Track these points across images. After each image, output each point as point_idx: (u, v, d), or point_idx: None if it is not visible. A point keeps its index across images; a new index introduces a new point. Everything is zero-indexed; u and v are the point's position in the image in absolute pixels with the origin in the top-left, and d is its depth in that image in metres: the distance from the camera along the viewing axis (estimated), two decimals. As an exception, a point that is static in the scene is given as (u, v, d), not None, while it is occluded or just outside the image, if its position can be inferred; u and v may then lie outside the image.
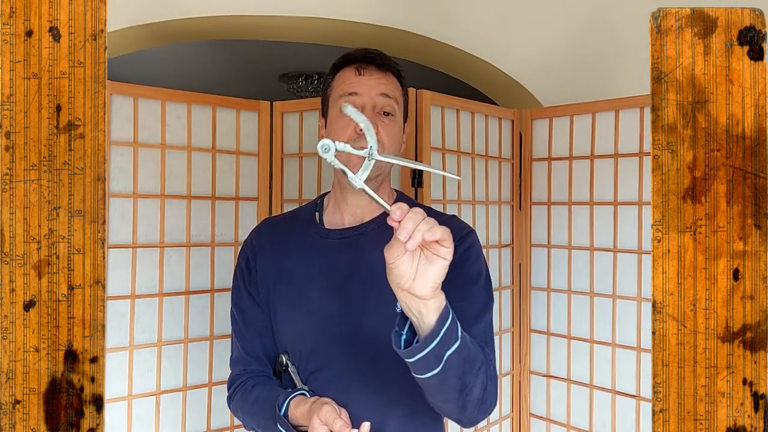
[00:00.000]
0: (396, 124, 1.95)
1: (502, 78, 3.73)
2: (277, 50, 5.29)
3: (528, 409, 3.49)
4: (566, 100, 3.41)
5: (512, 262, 3.48)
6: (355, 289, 1.91)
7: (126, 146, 2.79)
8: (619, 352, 3.13)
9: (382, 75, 1.96)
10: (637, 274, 3.08)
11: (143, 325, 2.86)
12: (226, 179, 3.10)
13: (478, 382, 1.65)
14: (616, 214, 3.14)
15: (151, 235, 2.88)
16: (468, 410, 1.68)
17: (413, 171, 2.91)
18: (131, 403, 2.80)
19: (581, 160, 3.27)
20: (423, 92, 2.96)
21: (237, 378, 2.04)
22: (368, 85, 1.93)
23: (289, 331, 1.97)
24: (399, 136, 1.98)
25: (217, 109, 3.06)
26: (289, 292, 1.98)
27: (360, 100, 1.92)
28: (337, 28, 3.56)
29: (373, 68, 1.95)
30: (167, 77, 6.03)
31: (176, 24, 3.32)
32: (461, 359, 1.55)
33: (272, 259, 2.03)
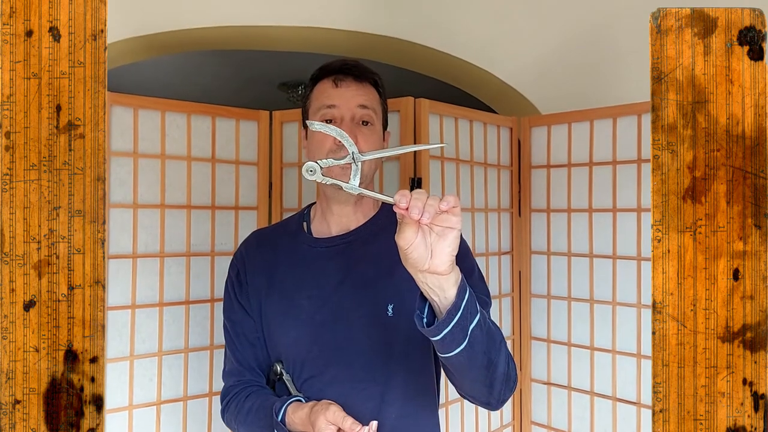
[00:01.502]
0: (375, 133, 1.96)
1: (500, 86, 3.73)
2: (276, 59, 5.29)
3: (529, 416, 3.49)
4: (564, 108, 3.42)
5: (512, 269, 3.48)
6: (346, 295, 1.92)
7: (126, 157, 2.79)
8: (620, 358, 3.13)
9: (360, 86, 1.96)
10: (636, 280, 3.07)
11: (144, 335, 2.86)
12: (226, 189, 3.10)
13: (502, 357, 1.66)
14: (615, 221, 3.14)
15: (151, 245, 2.88)
16: (496, 388, 1.69)
17: (411, 179, 2.91)
18: (132, 413, 2.80)
19: (580, 167, 3.27)
20: (421, 101, 2.96)
21: (230, 389, 2.04)
22: (346, 97, 1.94)
23: (282, 340, 1.98)
24: (379, 144, 1.98)
25: (217, 119, 3.07)
26: (280, 301, 1.99)
27: (338, 113, 1.93)
28: (335, 38, 3.57)
29: (350, 79, 1.96)
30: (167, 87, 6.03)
31: (175, 35, 3.33)
32: (483, 333, 1.56)
33: (262, 269, 2.05)
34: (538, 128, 3.45)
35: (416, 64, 3.83)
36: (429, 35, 3.61)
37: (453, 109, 3.15)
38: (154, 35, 3.28)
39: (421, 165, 2.92)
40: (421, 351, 1.91)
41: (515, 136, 3.49)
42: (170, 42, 3.38)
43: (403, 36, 3.58)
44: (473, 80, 3.83)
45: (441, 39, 3.63)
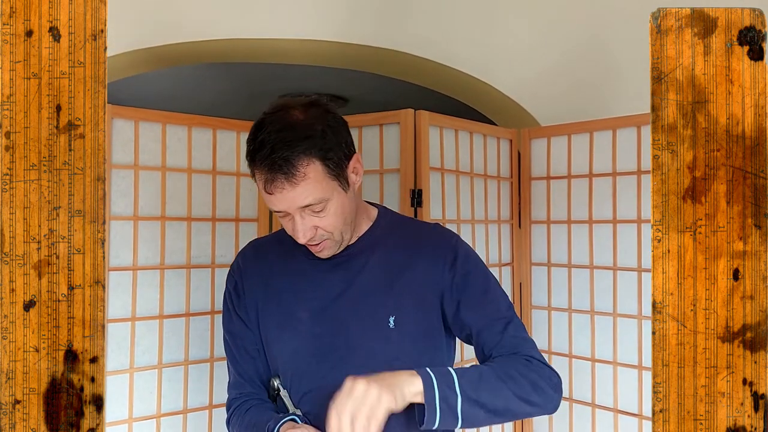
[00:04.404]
0: (334, 204, 1.80)
1: (500, 98, 3.74)
2: (276, 72, 5.30)
3: (531, 428, 3.48)
4: (563, 120, 3.42)
5: (512, 281, 3.48)
6: (345, 308, 1.91)
7: (127, 169, 2.79)
8: (621, 370, 3.13)
9: (293, 187, 1.72)
10: (637, 291, 3.07)
11: (144, 347, 2.86)
12: (227, 201, 3.11)
13: (524, 389, 1.73)
14: (616, 232, 3.14)
15: (151, 258, 2.88)
16: (535, 408, 1.78)
17: (412, 191, 2.91)
18: (132, 427, 2.79)
19: (580, 178, 3.27)
20: (421, 113, 2.97)
21: (233, 402, 2.04)
22: (283, 204, 1.76)
23: (281, 353, 1.97)
24: (342, 208, 1.82)
25: (218, 132, 3.07)
26: (279, 314, 1.98)
27: (285, 214, 1.81)
28: (335, 51, 3.58)
29: (281, 180, 1.72)
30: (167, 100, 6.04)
31: (176, 48, 3.34)
32: (475, 400, 1.66)
33: (259, 280, 2.03)
34: (537, 140, 3.45)
35: (417, 76, 3.84)
36: (429, 48, 3.62)
37: (453, 121, 3.16)
38: (155, 48, 3.29)
39: (422, 177, 2.93)
40: (425, 361, 1.91)
41: (515, 148, 3.49)
42: (171, 55, 3.39)
43: (404, 49, 3.59)
44: (473, 92, 3.84)
45: (441, 51, 3.64)
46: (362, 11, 3.54)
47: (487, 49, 3.68)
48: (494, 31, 3.66)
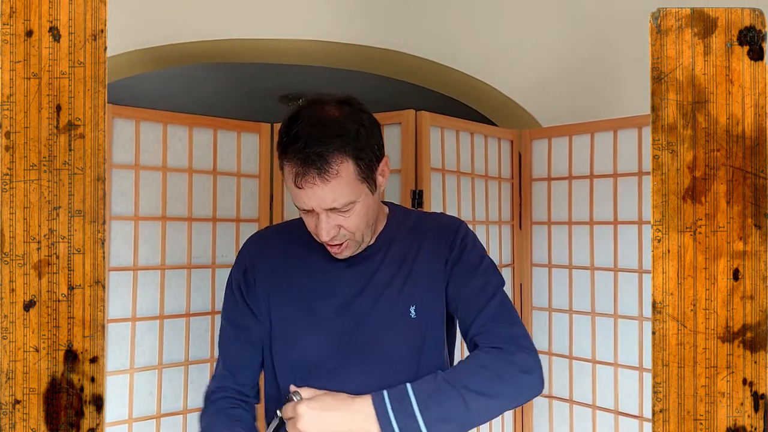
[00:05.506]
0: (360, 206, 1.78)
1: (501, 99, 3.74)
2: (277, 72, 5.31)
3: (531, 430, 3.48)
4: (564, 120, 3.42)
5: (513, 281, 3.48)
6: (366, 305, 1.89)
7: (127, 169, 2.79)
8: (622, 372, 3.13)
9: (325, 184, 1.69)
10: (638, 293, 3.07)
11: (144, 347, 2.86)
12: (227, 201, 3.11)
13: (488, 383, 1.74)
14: (616, 234, 3.14)
15: (152, 258, 2.88)
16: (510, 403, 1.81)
17: (413, 191, 2.91)
18: (132, 427, 2.79)
19: (580, 179, 3.27)
20: (422, 113, 2.96)
21: (211, 395, 1.97)
22: (312, 202, 1.72)
23: (301, 351, 1.92)
24: (367, 210, 1.81)
25: (218, 132, 3.07)
26: (297, 311, 1.93)
27: (312, 209, 1.76)
28: (335, 51, 3.58)
29: (313, 175, 1.68)
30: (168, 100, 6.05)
31: (177, 48, 3.34)
32: (439, 403, 1.69)
33: (271, 273, 1.98)
34: (538, 141, 3.45)
35: (418, 77, 3.84)
36: (430, 49, 3.62)
37: (454, 122, 3.16)
38: (156, 48, 3.29)
39: (422, 177, 2.93)
40: (442, 345, 1.95)
41: (516, 149, 3.49)
42: (172, 55, 3.39)
43: (405, 49, 3.59)
44: (474, 93, 3.84)
45: (442, 52, 3.64)
46: (362, 11, 3.54)
47: (488, 50, 3.68)
48: (495, 32, 3.67)
